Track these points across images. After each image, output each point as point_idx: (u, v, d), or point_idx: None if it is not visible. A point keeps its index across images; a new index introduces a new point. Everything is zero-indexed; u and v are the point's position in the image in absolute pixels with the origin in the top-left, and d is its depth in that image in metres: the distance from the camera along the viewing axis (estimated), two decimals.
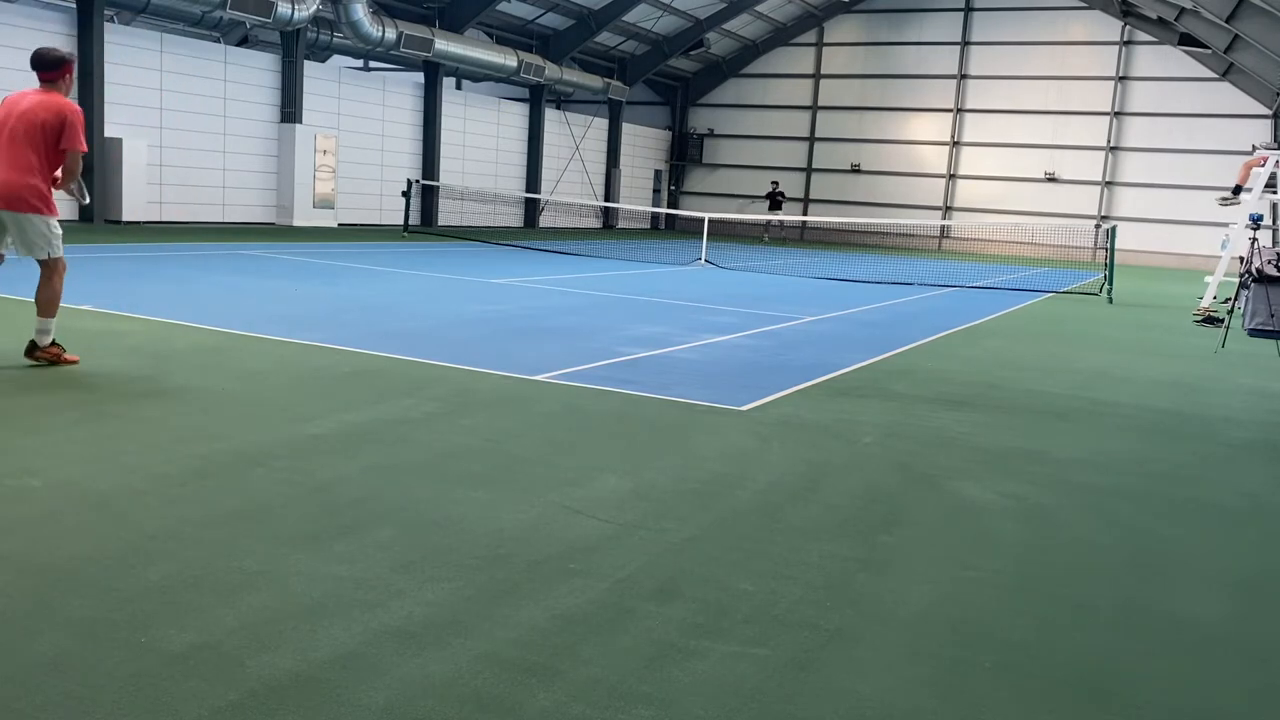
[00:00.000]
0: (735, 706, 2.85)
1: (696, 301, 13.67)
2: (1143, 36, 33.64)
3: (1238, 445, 6.74)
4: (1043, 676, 3.17)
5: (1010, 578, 4.02)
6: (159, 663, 2.88)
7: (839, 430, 6.41)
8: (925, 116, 36.80)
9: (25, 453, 4.82)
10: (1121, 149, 34.39)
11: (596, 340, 9.50)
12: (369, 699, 2.76)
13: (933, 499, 5.05)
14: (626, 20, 32.59)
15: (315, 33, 25.58)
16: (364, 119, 27.47)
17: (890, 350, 10.14)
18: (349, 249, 19.18)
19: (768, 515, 4.61)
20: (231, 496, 4.37)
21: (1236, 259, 14.66)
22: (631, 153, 38.96)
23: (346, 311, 10.49)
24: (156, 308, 9.64)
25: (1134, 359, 10.60)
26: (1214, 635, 3.58)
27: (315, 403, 6.24)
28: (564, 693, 2.86)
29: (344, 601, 3.37)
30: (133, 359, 7.27)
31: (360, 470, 4.86)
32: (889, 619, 3.53)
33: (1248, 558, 4.47)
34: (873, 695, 2.97)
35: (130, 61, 21.50)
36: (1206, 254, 30.08)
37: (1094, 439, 6.64)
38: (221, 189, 23.70)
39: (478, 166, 31.74)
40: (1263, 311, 13.08)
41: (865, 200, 37.18)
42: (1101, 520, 4.88)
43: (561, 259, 20.39)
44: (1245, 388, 9.13)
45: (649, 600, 3.55)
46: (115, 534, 3.85)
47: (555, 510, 4.46)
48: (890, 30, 37.17)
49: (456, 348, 8.61)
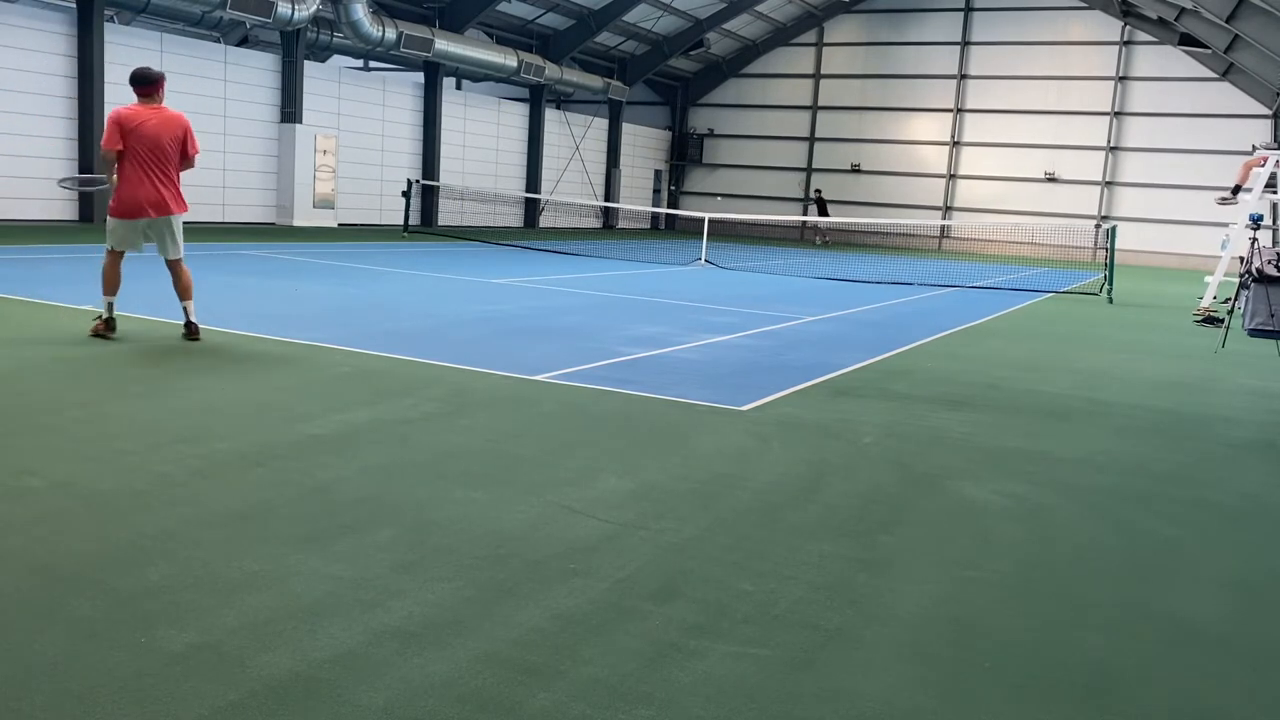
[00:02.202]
0: (735, 706, 2.85)
1: (696, 301, 13.66)
2: (1143, 36, 33.65)
3: (1238, 445, 6.74)
4: (1043, 676, 3.17)
5: (1010, 578, 4.02)
6: (159, 663, 2.88)
7: (839, 430, 6.41)
8: (925, 116, 36.80)
9: (25, 452, 4.82)
10: (1121, 149, 34.39)
11: (596, 340, 9.50)
12: (369, 699, 2.76)
13: (933, 499, 5.05)
14: (626, 20, 32.58)
15: (315, 33, 25.57)
16: (364, 119, 27.46)
17: (890, 350, 10.14)
18: (349, 249, 19.17)
19: (768, 515, 4.61)
20: (231, 496, 4.37)
21: (1236, 259, 14.66)
22: (631, 153, 38.96)
23: (346, 311, 10.49)
24: (156, 307, 9.64)
25: (1134, 359, 10.60)
26: (1214, 635, 3.58)
27: (315, 403, 6.24)
28: (564, 693, 2.86)
29: (344, 601, 3.37)
30: (132, 359, 7.27)
31: (360, 470, 4.86)
32: (889, 619, 3.53)
33: (1248, 558, 4.47)
34: (873, 695, 2.97)
35: (130, 61, 21.36)
36: (1206, 254, 30.08)
37: (1094, 439, 6.64)
38: (221, 189, 23.69)
39: (478, 166, 31.73)
40: (1263, 311, 13.08)
41: (865, 200, 37.17)
42: (1101, 520, 4.88)
43: (561, 259, 20.39)
44: (1245, 388, 9.13)
45: (649, 600, 3.55)
46: (115, 534, 3.85)
47: (555, 510, 4.46)
48: (890, 30, 37.17)
49: (456, 348, 8.61)
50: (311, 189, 25.17)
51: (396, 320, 10.08)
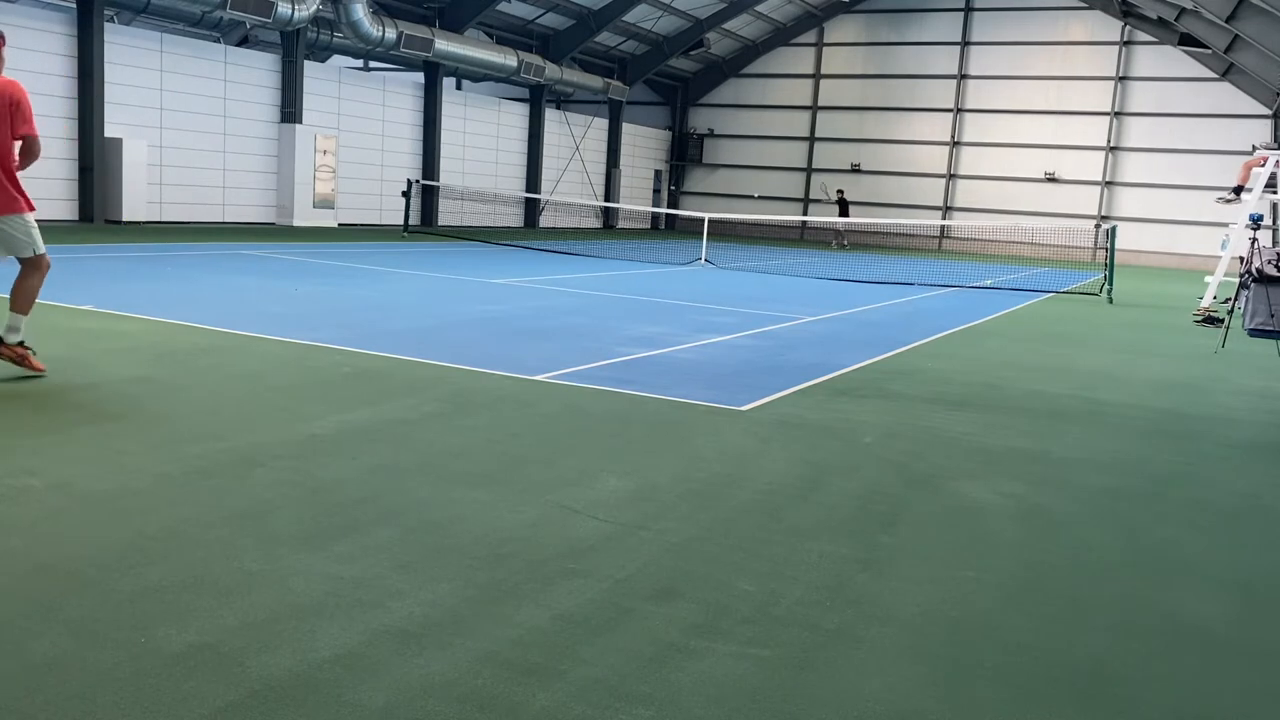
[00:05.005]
0: (735, 706, 2.85)
1: (696, 301, 13.66)
2: (1143, 36, 33.64)
3: (1238, 445, 6.74)
4: (1043, 676, 3.17)
5: (1010, 578, 4.02)
6: (159, 663, 2.88)
7: (839, 430, 6.40)
8: (925, 116, 36.79)
9: (25, 453, 4.82)
10: (1121, 149, 34.39)
11: (596, 340, 9.50)
12: (369, 699, 2.76)
13: (933, 499, 5.05)
14: (626, 20, 32.58)
15: (315, 33, 25.57)
16: (364, 119, 27.46)
17: (890, 350, 10.14)
18: (349, 249, 19.17)
19: (768, 515, 4.60)
20: (231, 496, 4.37)
21: (1236, 259, 14.66)
22: (631, 153, 38.95)
23: (346, 311, 10.49)
24: (156, 308, 9.64)
25: (1134, 359, 10.60)
26: (1214, 635, 3.58)
27: (315, 403, 6.24)
28: (564, 693, 2.86)
29: (344, 601, 3.37)
30: (132, 359, 7.27)
31: (360, 470, 4.86)
32: (889, 619, 3.53)
33: (1248, 558, 4.47)
34: (873, 695, 2.97)
35: (130, 61, 21.49)
36: (1206, 254, 30.08)
37: (1094, 439, 6.64)
38: (221, 189, 23.69)
39: (478, 166, 31.73)
40: (1263, 311, 13.08)
41: (865, 200, 37.15)
42: (1101, 520, 4.87)
43: (561, 259, 20.38)
44: (1245, 388, 9.13)
45: (649, 600, 3.55)
46: (115, 534, 3.85)
47: (555, 510, 4.46)
48: (890, 30, 37.16)
49: (456, 348, 8.61)
50: (311, 189, 25.17)
51: (396, 320, 10.08)
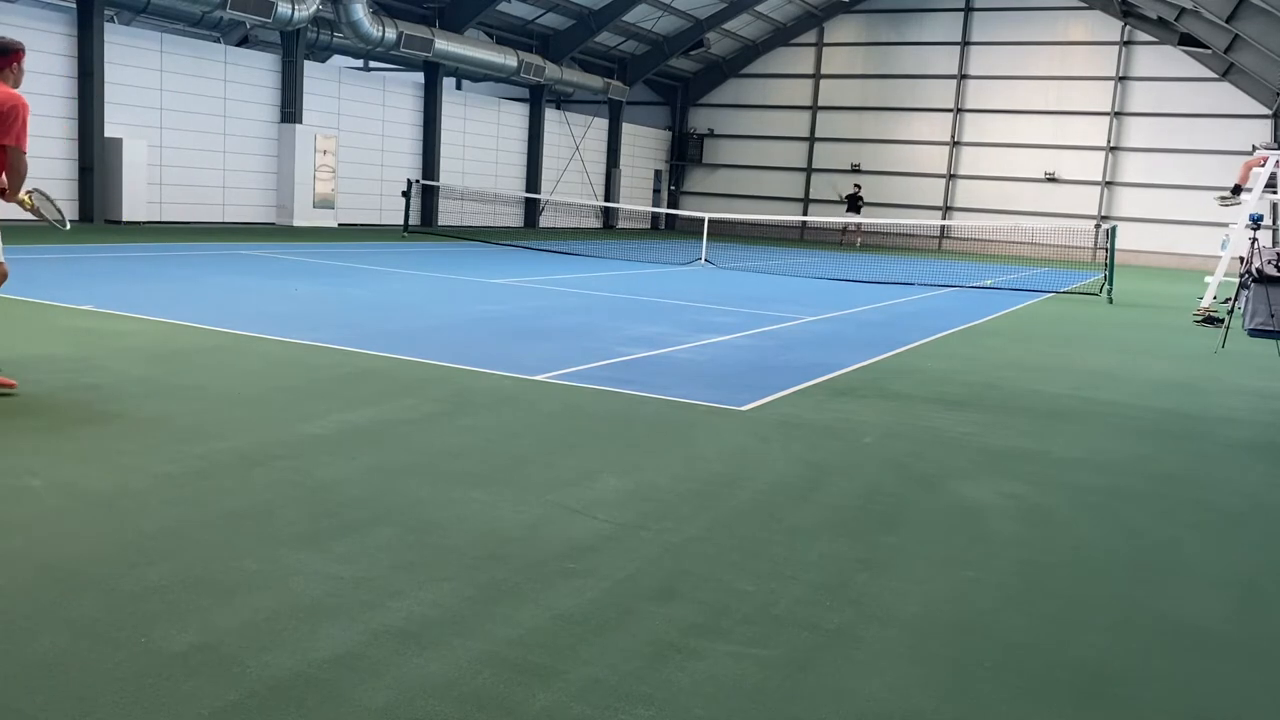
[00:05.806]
0: (735, 706, 2.85)
1: (696, 301, 13.66)
2: (1143, 36, 33.63)
3: (1238, 445, 6.74)
4: (1043, 676, 3.17)
5: (1010, 578, 4.02)
6: (159, 663, 2.88)
7: (839, 430, 6.40)
8: (925, 116, 36.78)
9: (25, 453, 4.82)
10: (1122, 149, 34.38)
11: (596, 340, 9.50)
12: (369, 699, 2.76)
13: (933, 499, 5.05)
14: (626, 20, 32.57)
15: (315, 33, 25.57)
16: (364, 119, 27.45)
17: (890, 350, 10.14)
18: (349, 249, 19.17)
19: (768, 515, 4.61)
20: (231, 496, 4.37)
21: (1236, 259, 14.66)
22: (631, 153, 38.95)
23: (346, 311, 10.49)
24: (156, 308, 9.64)
25: (1134, 359, 10.60)
26: (1213, 635, 3.58)
27: (315, 403, 6.24)
28: (564, 693, 2.86)
29: (344, 601, 3.37)
30: (132, 359, 7.27)
31: (360, 470, 4.86)
32: (889, 619, 3.53)
33: (1247, 558, 4.47)
34: (873, 695, 2.97)
35: (130, 61, 21.49)
36: (1206, 254, 30.07)
37: (1094, 439, 6.64)
38: (221, 189, 23.69)
39: (478, 166, 31.72)
40: (1263, 311, 13.08)
41: (865, 200, 37.13)
42: (1101, 520, 4.87)
43: (561, 259, 20.38)
44: (1245, 388, 9.13)
45: (649, 600, 3.55)
46: (115, 534, 3.85)
47: (555, 510, 4.46)
48: (890, 30, 37.15)
49: (456, 348, 8.61)
50: (311, 189, 25.16)
51: (396, 320, 10.08)
